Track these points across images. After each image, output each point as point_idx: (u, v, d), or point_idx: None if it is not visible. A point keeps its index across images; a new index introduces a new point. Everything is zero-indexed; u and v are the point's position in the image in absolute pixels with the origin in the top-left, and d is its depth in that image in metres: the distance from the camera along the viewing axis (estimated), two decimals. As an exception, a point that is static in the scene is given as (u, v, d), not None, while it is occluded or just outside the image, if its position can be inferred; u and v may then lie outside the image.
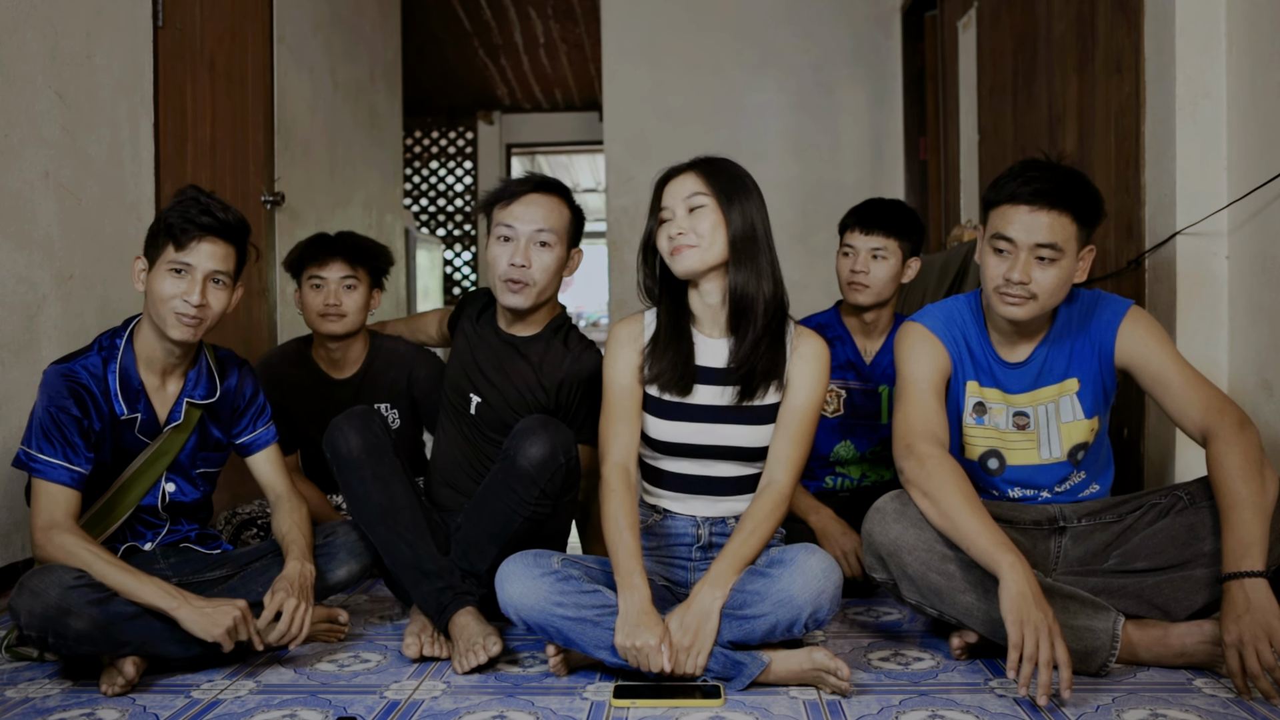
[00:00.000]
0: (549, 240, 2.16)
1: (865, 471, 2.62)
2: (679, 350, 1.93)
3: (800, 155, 5.39)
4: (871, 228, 2.51)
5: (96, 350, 1.99)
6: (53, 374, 1.94)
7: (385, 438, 2.05)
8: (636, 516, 1.86)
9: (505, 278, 2.15)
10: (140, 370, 2.01)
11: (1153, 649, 1.82)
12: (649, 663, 1.71)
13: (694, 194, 1.89)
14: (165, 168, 3.14)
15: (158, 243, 1.96)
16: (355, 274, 2.68)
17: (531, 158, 10.39)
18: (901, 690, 1.76)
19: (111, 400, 1.97)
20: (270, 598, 1.90)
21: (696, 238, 1.87)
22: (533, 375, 2.20)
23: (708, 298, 1.93)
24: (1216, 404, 1.84)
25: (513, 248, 2.14)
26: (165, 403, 2.04)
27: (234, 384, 2.13)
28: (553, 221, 2.16)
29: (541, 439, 1.95)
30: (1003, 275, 1.87)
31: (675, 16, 5.46)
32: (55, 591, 1.74)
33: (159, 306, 1.95)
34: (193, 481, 2.11)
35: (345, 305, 2.66)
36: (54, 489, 1.89)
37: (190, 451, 2.08)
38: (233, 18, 3.61)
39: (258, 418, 2.17)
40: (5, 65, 2.47)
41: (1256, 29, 2.26)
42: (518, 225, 2.15)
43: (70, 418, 1.91)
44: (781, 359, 1.92)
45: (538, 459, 1.94)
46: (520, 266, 2.14)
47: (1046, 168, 1.88)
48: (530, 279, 2.15)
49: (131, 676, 1.80)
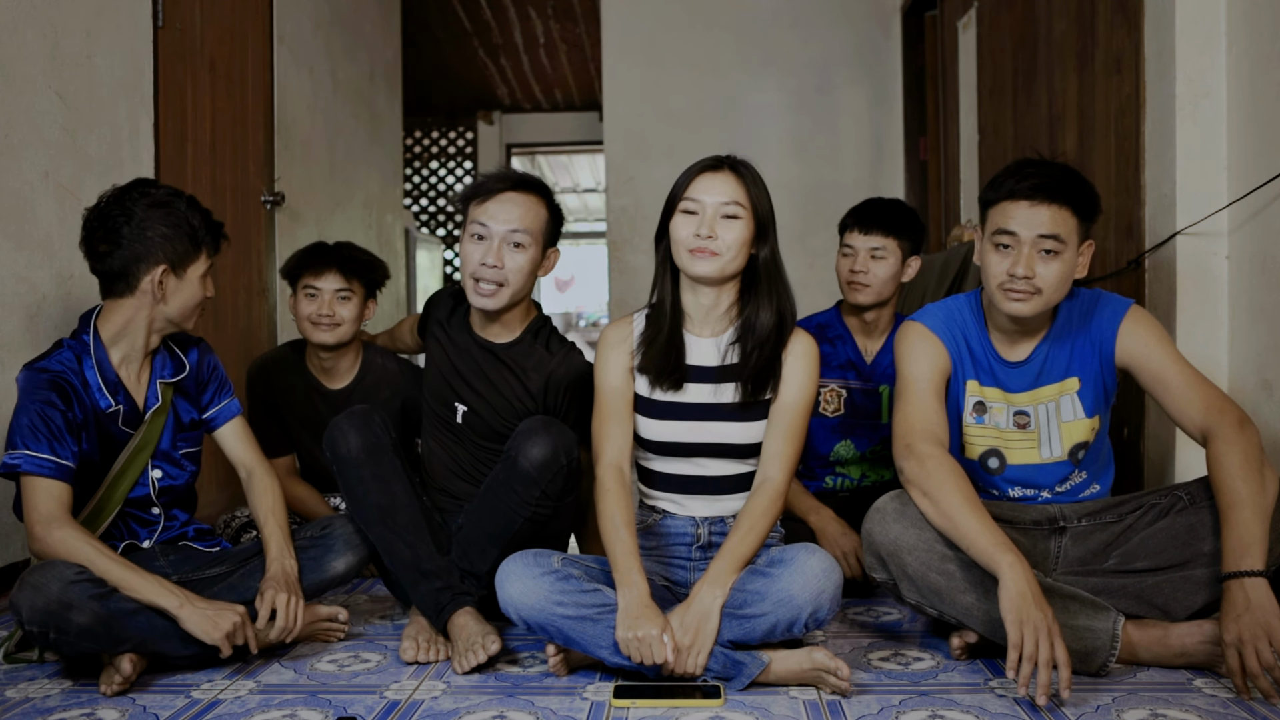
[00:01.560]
0: (523, 241, 2.08)
1: (865, 471, 2.62)
2: (670, 343, 1.92)
3: (800, 155, 5.39)
4: (870, 228, 2.51)
5: (66, 348, 2.00)
6: (28, 375, 1.95)
7: (385, 438, 2.04)
8: (632, 514, 1.87)
9: (475, 276, 2.09)
10: (114, 363, 2.03)
11: (1153, 649, 1.82)
12: (651, 654, 1.71)
13: (733, 202, 1.86)
14: (165, 168, 3.14)
15: (186, 249, 2.02)
16: (350, 286, 2.69)
17: (531, 158, 10.40)
18: (901, 690, 1.76)
19: (94, 395, 1.98)
20: (261, 599, 1.95)
21: (724, 247, 1.85)
22: (518, 383, 2.16)
23: (703, 299, 1.93)
24: (1216, 403, 1.84)
25: (485, 247, 2.08)
26: (140, 390, 2.07)
27: (195, 359, 2.17)
28: (528, 221, 2.09)
29: (543, 440, 1.94)
30: (1006, 271, 1.87)
31: (675, 16, 5.46)
32: (57, 586, 1.74)
33: (186, 311, 2.06)
34: (178, 464, 2.12)
35: (338, 316, 2.67)
36: (47, 483, 1.89)
37: (170, 435, 2.10)
38: (233, 18, 3.61)
39: (220, 390, 2.20)
40: (5, 65, 2.47)
41: (1256, 29, 2.26)
42: (492, 224, 2.08)
43: (55, 410, 1.92)
44: (778, 362, 1.92)
45: (539, 460, 1.93)
46: (492, 267, 2.07)
47: (1043, 164, 1.89)
48: (502, 279, 2.08)
49: (129, 674, 1.80)
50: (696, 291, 1.93)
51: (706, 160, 1.92)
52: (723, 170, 1.90)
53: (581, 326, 11.99)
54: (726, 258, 1.86)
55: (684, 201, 1.89)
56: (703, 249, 1.85)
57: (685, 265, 1.89)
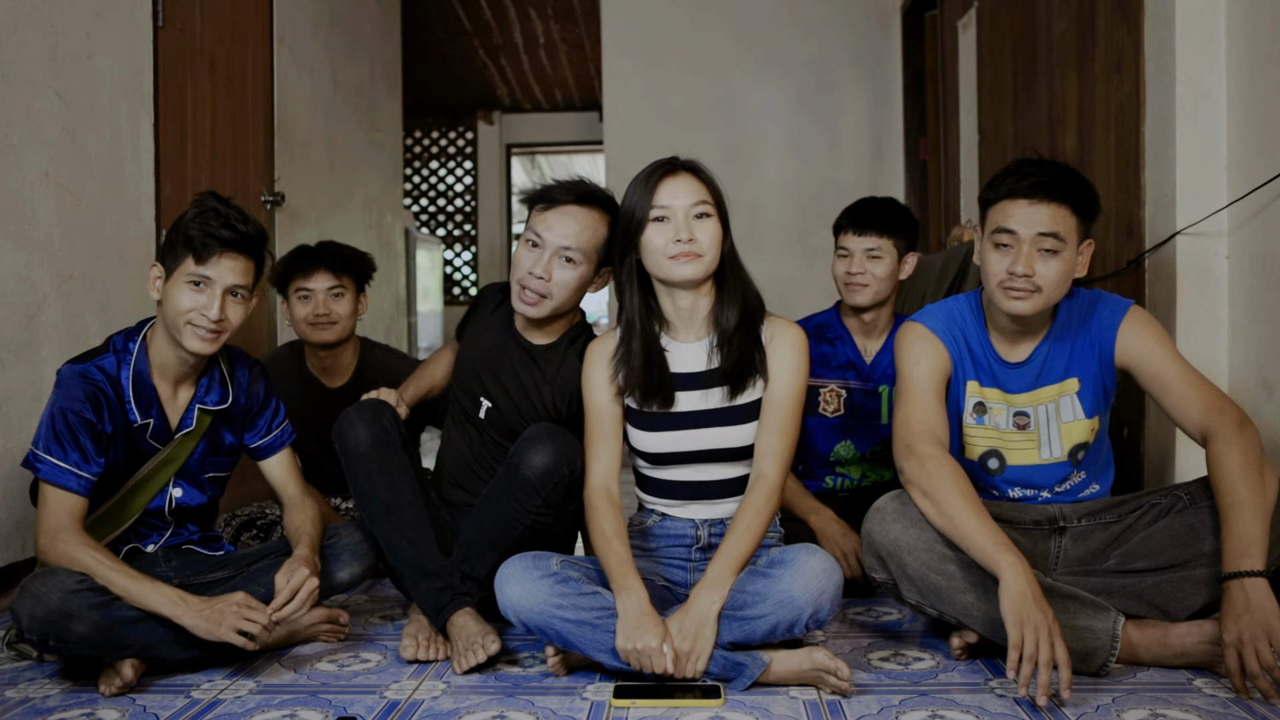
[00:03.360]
0: (575, 258, 2.05)
1: (865, 472, 2.62)
2: (650, 359, 1.91)
3: (800, 155, 5.39)
4: (865, 228, 2.51)
5: (111, 351, 1.96)
6: (69, 374, 1.91)
7: (395, 432, 2.03)
8: (623, 526, 1.87)
9: (522, 284, 2.07)
10: (153, 376, 1.98)
11: (1153, 649, 1.82)
12: (651, 665, 1.71)
13: (701, 201, 1.87)
14: (165, 168, 3.14)
15: (176, 252, 1.91)
16: (341, 282, 2.73)
17: (531, 158, 10.39)
18: (901, 690, 1.76)
19: (126, 405, 1.95)
20: (285, 571, 1.88)
21: (704, 247, 1.85)
22: (546, 386, 2.15)
23: (683, 302, 1.92)
24: (1216, 404, 1.84)
25: (536, 256, 2.05)
26: (177, 409, 2.02)
27: (245, 384, 2.10)
28: (584, 240, 2.05)
29: (547, 449, 1.93)
30: (1006, 270, 1.87)
31: (675, 16, 5.46)
32: (57, 595, 1.73)
33: (176, 318, 1.91)
34: (200, 486, 2.09)
35: (334, 313, 2.71)
36: (61, 494, 1.87)
37: (199, 457, 2.07)
38: (233, 18, 3.61)
39: (272, 421, 2.14)
40: (5, 65, 2.47)
41: (1256, 29, 2.26)
42: (547, 235, 2.04)
43: (83, 421, 1.88)
44: (761, 353, 1.92)
45: (541, 469, 1.92)
46: (539, 278, 2.04)
47: (1042, 163, 1.89)
48: (547, 291, 2.05)
49: (129, 679, 1.79)
50: (676, 297, 1.92)
51: (659, 167, 1.90)
52: (679, 173, 1.89)
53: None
54: (709, 257, 1.86)
55: (653, 211, 1.86)
56: (685, 253, 1.84)
57: (669, 273, 1.87)
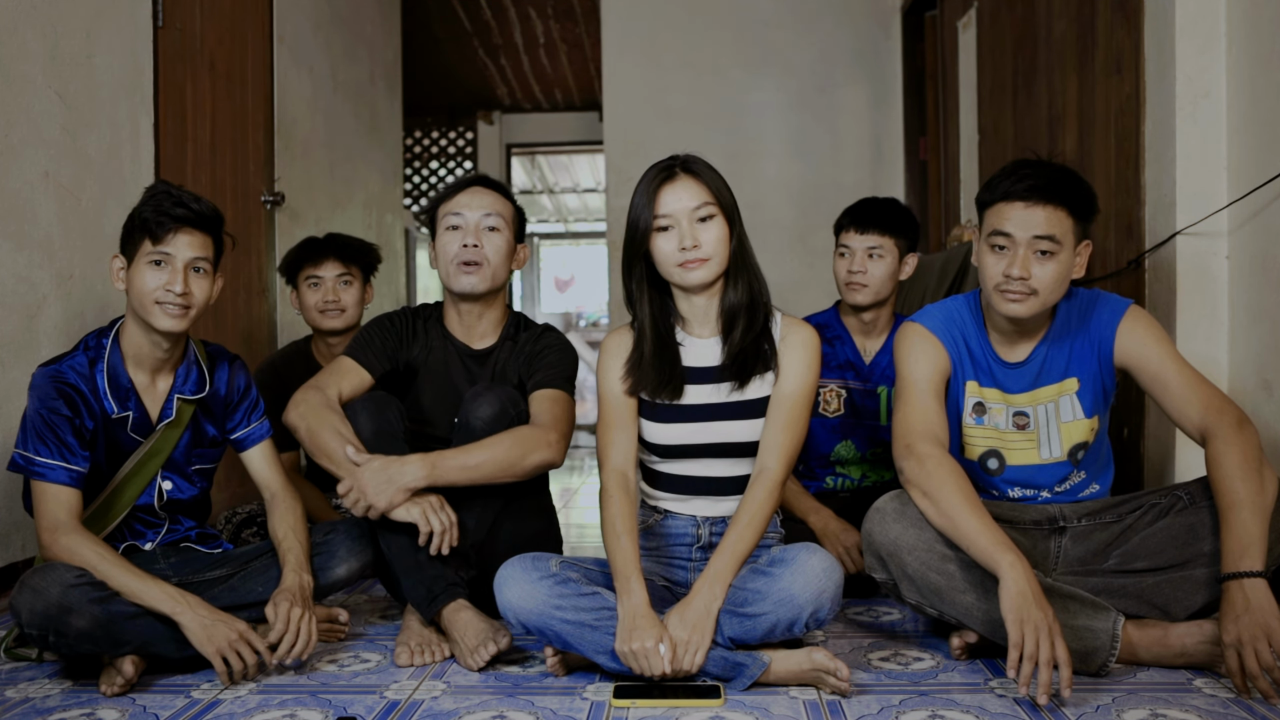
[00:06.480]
0: (497, 225, 2.20)
1: (866, 472, 2.62)
2: (663, 358, 1.91)
3: (800, 155, 5.39)
4: (866, 227, 2.51)
5: (82, 350, 1.99)
6: (40, 376, 1.94)
7: (399, 426, 2.05)
8: (635, 522, 1.86)
9: (458, 260, 2.18)
10: (129, 369, 2.00)
11: (1153, 649, 1.82)
12: (649, 665, 1.71)
13: (704, 204, 1.85)
14: (165, 168, 3.14)
15: (134, 239, 1.96)
16: (349, 271, 2.88)
17: (531, 158, 10.39)
18: (901, 690, 1.76)
19: (101, 400, 1.96)
20: (273, 608, 1.88)
21: (710, 251, 1.85)
22: (505, 384, 2.19)
23: (699, 300, 1.92)
24: (1215, 403, 1.84)
25: (462, 233, 2.19)
26: (156, 400, 2.04)
27: (225, 377, 2.12)
28: (499, 208, 2.22)
29: (490, 398, 2.04)
30: (1002, 272, 1.87)
31: (675, 16, 5.46)
32: (57, 590, 1.74)
33: (143, 300, 1.94)
34: (189, 479, 2.10)
35: (343, 301, 2.85)
36: (55, 489, 1.89)
37: (184, 448, 2.08)
38: (233, 18, 3.61)
39: (251, 412, 2.16)
40: (5, 65, 2.47)
41: (1256, 29, 2.26)
42: (466, 213, 2.19)
43: (62, 418, 1.90)
44: (770, 347, 1.91)
45: (489, 416, 2.02)
46: (473, 247, 2.17)
47: (1039, 165, 1.89)
48: (482, 258, 2.18)
49: (130, 676, 1.80)
50: (691, 299, 1.92)
51: (657, 173, 1.88)
52: (678, 177, 1.87)
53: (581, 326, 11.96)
54: (716, 260, 1.86)
55: (657, 220, 1.86)
56: (691, 260, 1.84)
57: (679, 280, 1.88)
